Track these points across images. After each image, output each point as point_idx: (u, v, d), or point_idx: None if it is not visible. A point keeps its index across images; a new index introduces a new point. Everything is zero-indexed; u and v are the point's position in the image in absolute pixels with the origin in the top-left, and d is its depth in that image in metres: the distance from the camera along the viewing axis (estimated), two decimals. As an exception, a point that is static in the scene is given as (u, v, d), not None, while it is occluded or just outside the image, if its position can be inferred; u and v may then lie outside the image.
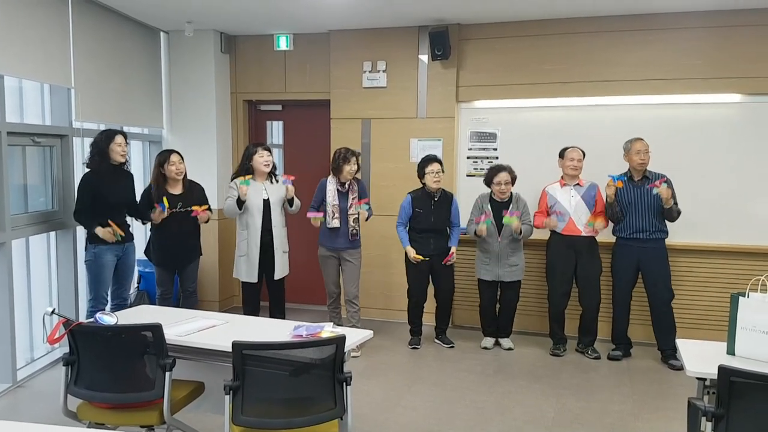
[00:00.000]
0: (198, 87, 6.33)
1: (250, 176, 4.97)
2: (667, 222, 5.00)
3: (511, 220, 5.05)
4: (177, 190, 4.95)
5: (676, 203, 4.93)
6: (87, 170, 4.67)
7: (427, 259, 5.21)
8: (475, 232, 5.22)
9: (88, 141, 5.32)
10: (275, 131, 6.85)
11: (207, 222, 5.08)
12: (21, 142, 4.58)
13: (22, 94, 4.86)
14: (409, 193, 5.32)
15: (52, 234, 5.01)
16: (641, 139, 4.97)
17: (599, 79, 5.53)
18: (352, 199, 5.19)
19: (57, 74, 4.83)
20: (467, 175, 5.96)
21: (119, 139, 4.65)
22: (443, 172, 5.24)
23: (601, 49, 5.52)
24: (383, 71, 6.02)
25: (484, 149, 5.92)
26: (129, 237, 4.85)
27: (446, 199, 5.29)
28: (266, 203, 5.02)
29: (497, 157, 5.85)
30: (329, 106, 6.23)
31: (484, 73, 5.82)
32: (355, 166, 5.15)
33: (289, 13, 5.60)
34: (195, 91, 6.34)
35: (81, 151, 5.15)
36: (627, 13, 5.37)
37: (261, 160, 5.00)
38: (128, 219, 4.95)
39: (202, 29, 6.14)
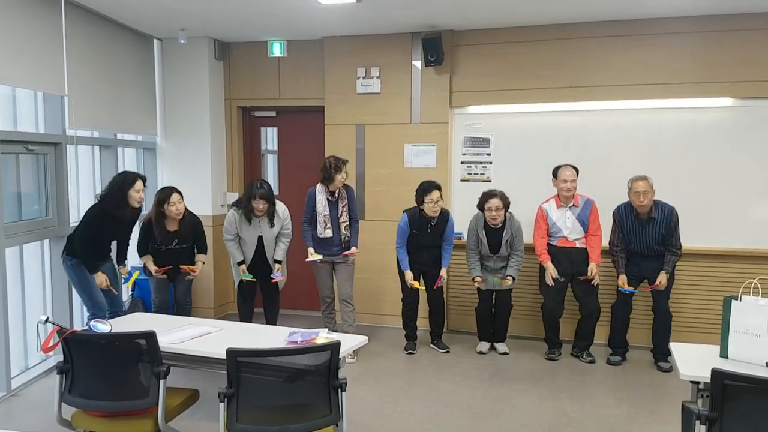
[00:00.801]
0: (192, 94, 6.34)
1: (252, 277, 5.15)
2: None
3: (502, 284, 5.21)
4: (174, 227, 4.93)
5: (677, 238, 4.90)
6: (96, 201, 4.60)
7: (423, 287, 5.30)
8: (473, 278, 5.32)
9: (82, 149, 5.33)
10: (269, 137, 6.85)
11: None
12: (14, 150, 4.57)
13: (16, 102, 4.85)
14: (405, 212, 5.27)
15: (46, 242, 4.99)
16: (644, 179, 4.85)
17: (591, 84, 5.55)
18: (342, 206, 5.20)
19: (50, 82, 4.82)
20: (461, 180, 5.97)
21: (139, 185, 4.57)
22: (442, 199, 5.17)
23: (593, 54, 5.55)
24: (377, 77, 6.04)
25: (477, 154, 5.94)
26: (108, 257, 4.81)
27: (443, 220, 5.25)
28: (260, 239, 5.14)
29: (491, 162, 5.87)
30: (323, 112, 6.24)
31: (477, 79, 5.85)
32: (345, 174, 5.16)
33: (282, 20, 5.61)
34: (189, 98, 6.34)
35: (75, 158, 5.15)
36: (618, 19, 5.40)
37: (257, 206, 5.00)
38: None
39: (195, 36, 6.15)
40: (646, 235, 4.93)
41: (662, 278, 4.90)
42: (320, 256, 5.18)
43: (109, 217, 4.53)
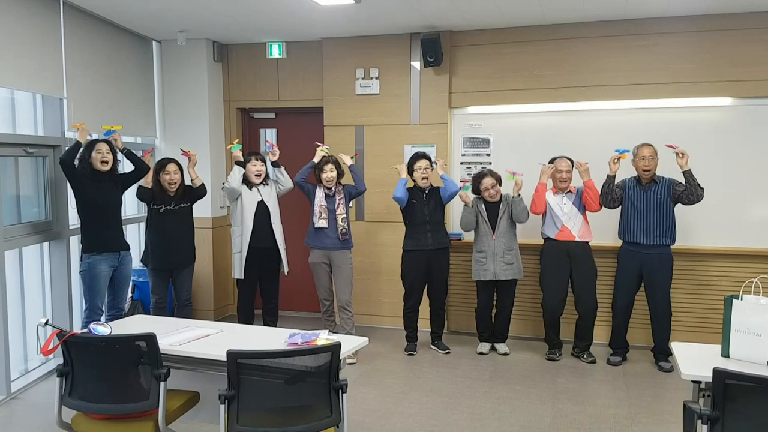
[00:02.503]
0: (191, 95, 6.34)
1: (237, 140, 5.21)
2: (675, 228, 4.96)
3: (511, 177, 5.20)
4: (171, 190, 5.04)
5: (698, 183, 4.83)
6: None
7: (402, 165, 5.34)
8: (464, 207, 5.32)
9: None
10: (269, 139, 6.84)
11: (194, 170, 5.22)
12: (13, 152, 4.57)
13: (15, 105, 4.85)
14: None
15: (46, 244, 4.99)
16: (648, 145, 4.95)
17: (591, 84, 5.56)
18: (339, 200, 5.20)
19: (49, 84, 4.82)
20: (461, 181, 5.95)
21: (99, 146, 4.63)
22: (432, 168, 5.29)
23: (593, 54, 5.55)
24: (376, 78, 6.04)
25: (477, 155, 5.94)
26: (125, 246, 4.86)
27: (436, 190, 5.33)
28: (261, 204, 5.17)
29: (491, 163, 5.87)
30: (322, 114, 6.24)
31: (476, 79, 5.85)
32: (334, 173, 5.17)
33: (281, 22, 5.61)
34: (188, 100, 6.34)
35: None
36: (617, 19, 5.41)
37: (253, 169, 5.16)
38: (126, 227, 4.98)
39: (194, 38, 6.15)
40: (649, 197, 4.92)
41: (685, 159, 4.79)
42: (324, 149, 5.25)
43: (83, 179, 4.56)
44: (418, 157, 5.30)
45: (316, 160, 5.20)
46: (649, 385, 4.68)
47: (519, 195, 5.19)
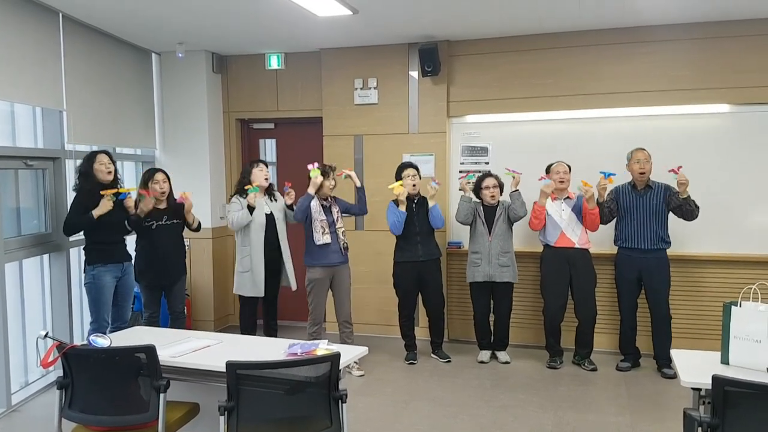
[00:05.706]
0: (190, 107, 6.36)
1: (256, 184, 5.04)
2: (670, 232, 5.00)
3: (509, 173, 5.26)
4: (161, 204, 4.95)
5: (695, 207, 4.87)
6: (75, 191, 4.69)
7: (402, 187, 5.20)
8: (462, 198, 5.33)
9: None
10: (268, 149, 6.87)
11: (191, 214, 5.04)
12: (13, 165, 4.58)
13: (14, 118, 4.87)
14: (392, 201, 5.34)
15: (46, 257, 4.99)
16: (642, 149, 5.00)
17: (589, 92, 5.58)
18: (336, 212, 5.14)
19: (49, 97, 4.84)
20: (460, 189, 5.96)
21: (101, 158, 4.62)
22: (419, 177, 5.31)
23: (590, 62, 5.57)
24: (374, 88, 6.07)
25: (476, 163, 5.95)
26: (127, 257, 4.87)
27: (424, 202, 5.33)
28: (269, 218, 5.13)
29: (489, 171, 5.87)
30: (321, 124, 6.26)
31: (474, 88, 5.87)
32: (333, 182, 5.13)
33: (279, 33, 5.64)
34: (187, 111, 6.37)
35: (74, 173, 5.15)
36: (615, 27, 5.43)
37: (261, 174, 5.12)
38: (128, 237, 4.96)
39: (193, 50, 6.17)
40: (644, 204, 4.94)
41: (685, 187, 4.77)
42: (317, 171, 4.93)
43: (88, 201, 4.54)
44: (404, 167, 5.33)
45: (311, 191, 4.95)
46: (650, 393, 4.67)
47: (517, 190, 5.21)
